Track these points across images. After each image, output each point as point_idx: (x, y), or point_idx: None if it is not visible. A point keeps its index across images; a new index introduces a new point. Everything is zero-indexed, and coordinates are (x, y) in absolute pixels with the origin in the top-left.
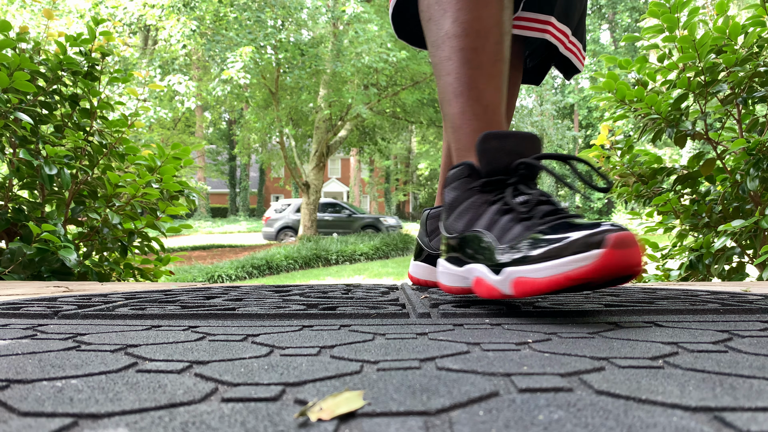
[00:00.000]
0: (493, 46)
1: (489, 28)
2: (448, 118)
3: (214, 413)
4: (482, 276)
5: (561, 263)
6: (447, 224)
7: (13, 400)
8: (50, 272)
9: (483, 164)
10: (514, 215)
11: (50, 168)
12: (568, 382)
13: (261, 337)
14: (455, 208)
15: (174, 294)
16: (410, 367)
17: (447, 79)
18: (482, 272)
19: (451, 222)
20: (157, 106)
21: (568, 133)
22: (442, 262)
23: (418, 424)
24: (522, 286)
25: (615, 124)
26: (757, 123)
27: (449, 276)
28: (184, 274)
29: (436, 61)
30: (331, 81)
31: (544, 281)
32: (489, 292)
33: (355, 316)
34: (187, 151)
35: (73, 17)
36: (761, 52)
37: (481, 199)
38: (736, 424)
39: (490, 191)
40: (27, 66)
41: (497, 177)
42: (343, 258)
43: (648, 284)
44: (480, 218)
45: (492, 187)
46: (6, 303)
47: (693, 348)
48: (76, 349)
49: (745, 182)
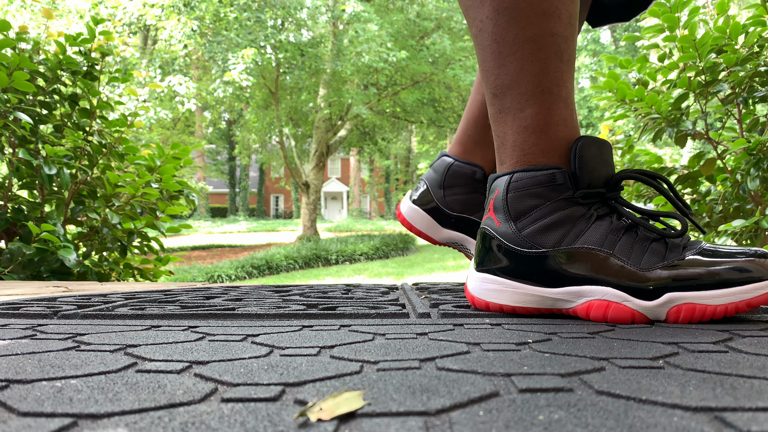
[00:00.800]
0: (576, 34)
1: (576, 13)
2: (524, 117)
3: (214, 413)
4: (614, 299)
5: (744, 290)
6: (526, 235)
7: (12, 400)
8: (50, 272)
9: (584, 173)
10: (641, 234)
11: (50, 168)
12: (569, 382)
13: (261, 337)
14: (540, 219)
15: (174, 294)
16: (410, 367)
17: (531, 68)
18: (614, 294)
19: (533, 234)
20: (157, 107)
21: None
22: (499, 279)
23: (418, 424)
24: (689, 312)
25: (615, 123)
26: (757, 123)
27: (517, 295)
28: (183, 274)
29: (519, 38)
30: (331, 81)
31: (721, 308)
32: (625, 316)
33: (355, 316)
34: (186, 151)
35: (73, 17)
36: (762, 51)
37: (578, 212)
38: (736, 424)
39: (589, 204)
40: (26, 66)
41: (597, 189)
42: (343, 258)
43: None
44: (583, 233)
45: (591, 199)
46: (5, 303)
47: (693, 348)
48: (76, 349)
49: (746, 182)
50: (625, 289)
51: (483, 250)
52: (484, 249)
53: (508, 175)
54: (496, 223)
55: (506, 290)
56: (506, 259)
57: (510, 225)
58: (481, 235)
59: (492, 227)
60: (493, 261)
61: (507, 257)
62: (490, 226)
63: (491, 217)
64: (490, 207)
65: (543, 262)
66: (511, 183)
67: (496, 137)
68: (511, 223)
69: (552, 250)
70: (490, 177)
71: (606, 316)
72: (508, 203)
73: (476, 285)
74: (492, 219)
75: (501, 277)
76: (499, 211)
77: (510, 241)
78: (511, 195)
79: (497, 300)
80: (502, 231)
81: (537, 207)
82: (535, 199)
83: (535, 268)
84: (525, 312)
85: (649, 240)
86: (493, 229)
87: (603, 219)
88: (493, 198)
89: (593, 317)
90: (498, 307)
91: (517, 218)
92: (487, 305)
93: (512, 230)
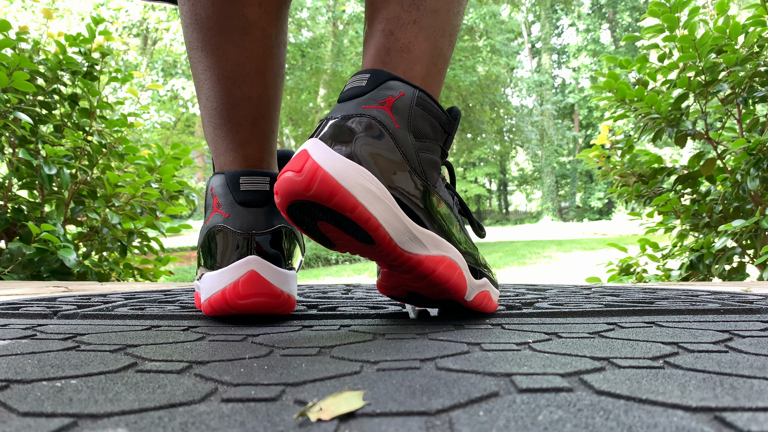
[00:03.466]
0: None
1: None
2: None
3: (214, 413)
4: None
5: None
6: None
7: (12, 400)
8: (50, 272)
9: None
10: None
11: (50, 168)
12: (569, 382)
13: (261, 337)
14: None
15: (174, 294)
16: (410, 367)
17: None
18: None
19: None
20: (160, 110)
21: (568, 133)
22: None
23: (418, 424)
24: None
25: (615, 123)
26: (757, 123)
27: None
28: (183, 274)
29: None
30: (331, 81)
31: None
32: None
33: (355, 316)
34: (186, 151)
35: (73, 18)
36: (762, 51)
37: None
38: (736, 424)
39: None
40: (26, 66)
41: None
42: (343, 258)
43: (648, 284)
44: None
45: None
46: (5, 303)
47: (693, 348)
48: (76, 349)
49: (746, 182)
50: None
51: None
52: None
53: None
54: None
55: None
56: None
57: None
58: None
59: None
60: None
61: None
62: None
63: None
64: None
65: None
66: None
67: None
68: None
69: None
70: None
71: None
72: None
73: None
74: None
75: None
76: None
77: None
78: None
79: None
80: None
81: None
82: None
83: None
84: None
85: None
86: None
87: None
88: None
89: (441, 274)
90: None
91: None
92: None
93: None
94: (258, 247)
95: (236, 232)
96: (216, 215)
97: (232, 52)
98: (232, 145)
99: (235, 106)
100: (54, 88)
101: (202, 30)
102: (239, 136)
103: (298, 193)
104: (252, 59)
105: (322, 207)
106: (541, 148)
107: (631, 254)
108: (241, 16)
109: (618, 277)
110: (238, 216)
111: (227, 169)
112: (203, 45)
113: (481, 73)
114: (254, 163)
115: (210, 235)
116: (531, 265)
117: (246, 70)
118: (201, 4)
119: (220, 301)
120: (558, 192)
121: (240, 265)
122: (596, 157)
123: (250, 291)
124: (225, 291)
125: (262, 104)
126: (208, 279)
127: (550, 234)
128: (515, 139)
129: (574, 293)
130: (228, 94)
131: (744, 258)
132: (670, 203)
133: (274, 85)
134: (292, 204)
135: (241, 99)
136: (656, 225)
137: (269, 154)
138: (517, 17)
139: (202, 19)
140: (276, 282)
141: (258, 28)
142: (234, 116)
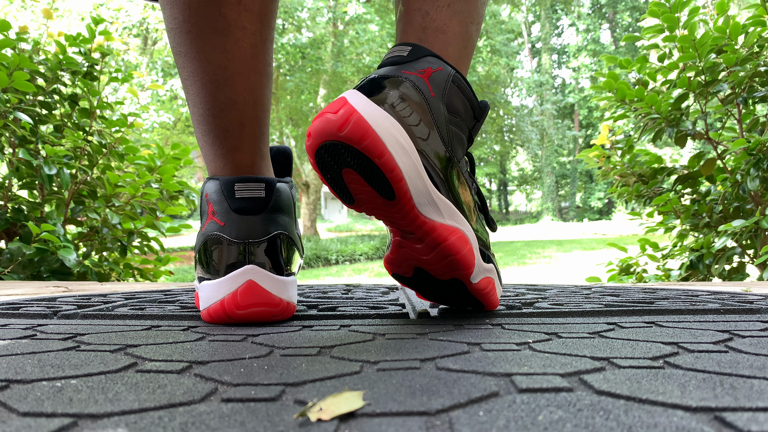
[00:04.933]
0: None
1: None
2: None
3: (214, 413)
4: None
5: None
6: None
7: (12, 400)
8: (50, 272)
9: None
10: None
11: (50, 168)
12: (569, 382)
13: (261, 337)
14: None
15: (174, 294)
16: (410, 367)
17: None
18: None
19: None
20: (159, 110)
21: (568, 133)
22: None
23: (418, 424)
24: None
25: (615, 123)
26: (757, 123)
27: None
28: (183, 274)
29: None
30: (332, 81)
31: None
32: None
33: (355, 316)
34: (186, 151)
35: (73, 18)
36: (762, 51)
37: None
38: (736, 424)
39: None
40: (26, 66)
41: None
42: (343, 258)
43: (648, 284)
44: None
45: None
46: (5, 303)
47: (693, 348)
48: (76, 349)
49: (746, 182)
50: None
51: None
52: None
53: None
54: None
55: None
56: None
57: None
58: None
59: None
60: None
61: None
62: None
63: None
64: None
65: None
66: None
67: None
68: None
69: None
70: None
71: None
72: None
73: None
74: None
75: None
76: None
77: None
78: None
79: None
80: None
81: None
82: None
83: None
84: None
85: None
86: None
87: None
88: None
89: (452, 244)
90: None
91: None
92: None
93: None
94: (255, 255)
95: (232, 241)
96: (211, 223)
97: (213, 56)
98: (221, 151)
99: (221, 111)
100: (54, 88)
101: (182, 34)
102: (227, 143)
103: (331, 133)
104: (234, 61)
105: (352, 150)
106: (541, 148)
107: (631, 254)
108: (219, 17)
109: (618, 277)
110: (234, 224)
111: (220, 175)
112: (185, 50)
113: (481, 73)
114: (245, 169)
115: (206, 244)
116: (531, 265)
117: (229, 73)
118: (178, 7)
119: (219, 311)
120: (558, 192)
121: (237, 275)
122: (596, 157)
123: (248, 301)
124: (224, 302)
125: (249, 107)
126: (206, 288)
127: (550, 234)
128: (515, 139)
129: (574, 293)
130: (212, 98)
131: (744, 258)
132: (670, 203)
133: (261, 86)
134: (322, 146)
135: (226, 103)
136: (656, 225)
137: (261, 157)
138: (517, 17)
139: (180, 22)
140: (274, 290)
141: (238, 27)
142: (220, 122)
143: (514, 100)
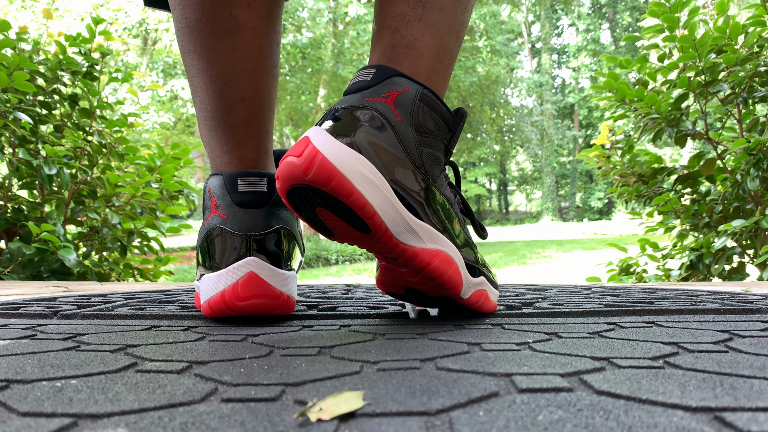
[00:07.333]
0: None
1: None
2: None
3: (214, 413)
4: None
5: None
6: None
7: (12, 400)
8: (50, 272)
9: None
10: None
11: (50, 168)
12: (569, 382)
13: (261, 337)
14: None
15: (174, 294)
16: (410, 367)
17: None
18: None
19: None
20: (159, 111)
21: (568, 133)
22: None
23: (418, 424)
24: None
25: (615, 123)
26: (757, 123)
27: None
28: (184, 274)
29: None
30: (332, 81)
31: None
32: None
33: (355, 316)
34: (186, 151)
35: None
36: (762, 51)
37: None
38: (736, 424)
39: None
40: (26, 66)
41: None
42: (343, 258)
43: (648, 284)
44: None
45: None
46: (5, 303)
47: (693, 348)
48: (76, 349)
49: (746, 182)
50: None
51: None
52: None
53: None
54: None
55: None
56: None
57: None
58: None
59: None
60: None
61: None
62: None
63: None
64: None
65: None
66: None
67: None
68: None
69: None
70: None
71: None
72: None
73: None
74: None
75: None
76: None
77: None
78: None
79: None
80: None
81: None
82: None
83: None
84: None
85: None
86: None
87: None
88: None
89: (436, 268)
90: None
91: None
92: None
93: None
94: (257, 248)
95: (235, 234)
96: (214, 216)
97: (223, 54)
98: (227, 146)
99: (229, 108)
100: (54, 88)
101: (192, 33)
102: (234, 138)
103: (297, 177)
104: (243, 60)
105: (320, 192)
106: (541, 148)
107: (631, 254)
108: (230, 17)
109: (618, 277)
110: (237, 217)
111: (224, 171)
112: (195, 48)
113: (481, 74)
114: (250, 164)
115: (208, 237)
116: (531, 265)
117: (238, 71)
118: (190, 7)
119: (219, 303)
120: (558, 192)
121: (239, 266)
122: (596, 157)
123: (249, 293)
124: (224, 293)
125: (256, 105)
126: (207, 281)
127: (550, 234)
128: (515, 139)
129: (574, 293)
130: (221, 95)
131: (744, 258)
132: (670, 203)
133: (267, 85)
134: (291, 189)
135: (234, 100)
136: (656, 225)
137: (265, 154)
138: (517, 17)
139: (192, 22)
140: (275, 283)
141: (248, 28)
142: (228, 118)
143: (514, 100)
